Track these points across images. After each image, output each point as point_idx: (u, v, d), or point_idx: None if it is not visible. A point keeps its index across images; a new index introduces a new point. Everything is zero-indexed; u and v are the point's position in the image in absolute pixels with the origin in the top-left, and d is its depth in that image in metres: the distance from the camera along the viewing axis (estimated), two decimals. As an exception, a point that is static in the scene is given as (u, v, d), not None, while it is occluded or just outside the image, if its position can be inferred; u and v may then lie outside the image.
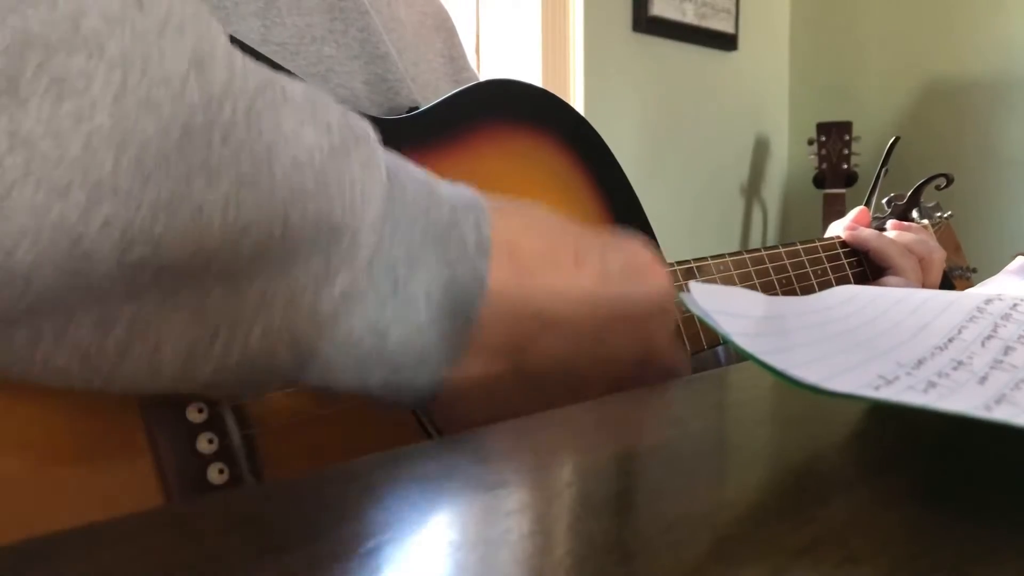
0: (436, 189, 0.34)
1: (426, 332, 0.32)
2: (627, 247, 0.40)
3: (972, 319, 0.31)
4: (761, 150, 2.60)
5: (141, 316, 0.27)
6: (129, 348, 0.28)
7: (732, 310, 0.27)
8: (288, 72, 0.47)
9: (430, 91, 0.63)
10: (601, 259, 0.38)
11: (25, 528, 0.30)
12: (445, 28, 0.70)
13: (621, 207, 0.64)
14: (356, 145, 0.31)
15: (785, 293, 0.72)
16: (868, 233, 0.82)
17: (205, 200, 0.26)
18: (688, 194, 2.34)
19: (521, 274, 0.34)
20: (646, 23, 2.16)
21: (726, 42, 2.40)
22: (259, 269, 0.28)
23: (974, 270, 0.98)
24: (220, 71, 0.27)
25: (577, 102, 2.04)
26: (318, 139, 0.29)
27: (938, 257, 0.81)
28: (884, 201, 0.95)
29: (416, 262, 0.32)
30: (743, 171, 2.55)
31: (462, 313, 0.33)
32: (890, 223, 0.86)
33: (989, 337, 0.29)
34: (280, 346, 0.29)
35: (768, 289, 0.70)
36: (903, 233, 0.83)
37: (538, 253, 0.35)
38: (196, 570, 0.17)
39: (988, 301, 0.34)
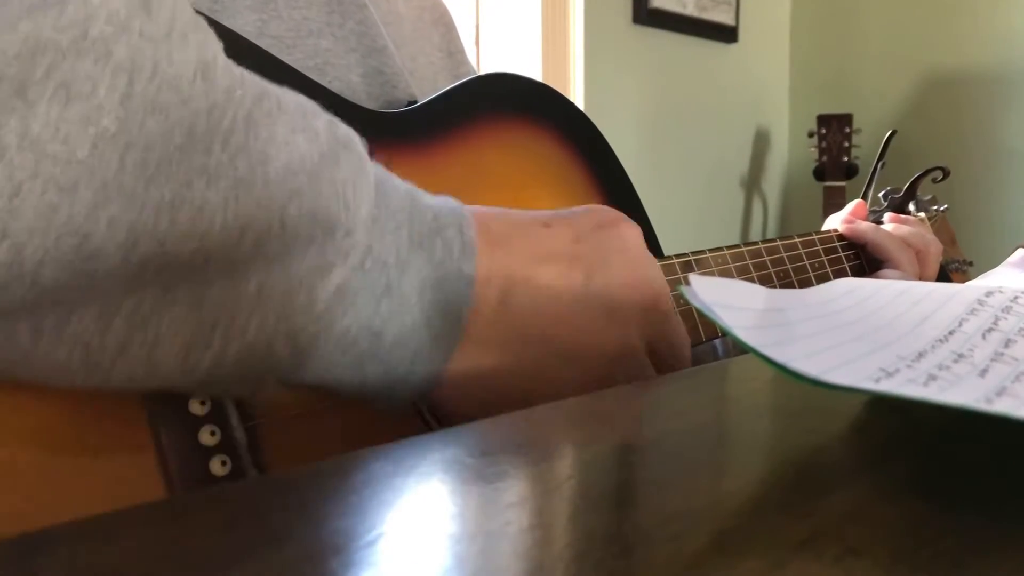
0: (418, 198, 0.35)
1: (420, 331, 0.33)
2: (593, 209, 0.41)
3: (973, 312, 0.31)
4: (761, 142, 2.60)
5: (141, 309, 0.28)
6: (129, 341, 0.28)
7: (732, 303, 0.27)
8: (286, 65, 0.47)
9: (428, 85, 0.63)
10: (569, 221, 0.39)
11: (28, 520, 0.30)
12: (443, 22, 0.70)
13: (619, 201, 0.64)
14: (345, 151, 0.31)
15: (783, 286, 0.72)
16: (865, 226, 0.82)
17: (206, 200, 0.27)
18: (688, 186, 2.33)
19: (497, 246, 0.35)
20: (646, 15, 2.16)
21: (726, 34, 2.39)
22: (257, 264, 0.29)
23: (970, 263, 0.98)
24: (224, 78, 0.28)
25: (577, 94, 2.03)
26: (308, 146, 0.30)
27: (935, 250, 0.81)
28: (881, 194, 0.95)
29: (406, 264, 0.32)
30: (743, 163, 2.55)
31: (453, 312, 0.34)
32: (887, 216, 0.86)
33: (990, 330, 0.29)
34: (277, 340, 0.30)
35: (766, 282, 0.70)
36: (900, 226, 0.83)
37: (508, 227, 0.37)
38: (195, 563, 0.17)
39: (989, 294, 0.33)
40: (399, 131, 0.52)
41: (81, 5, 0.25)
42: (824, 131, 2.34)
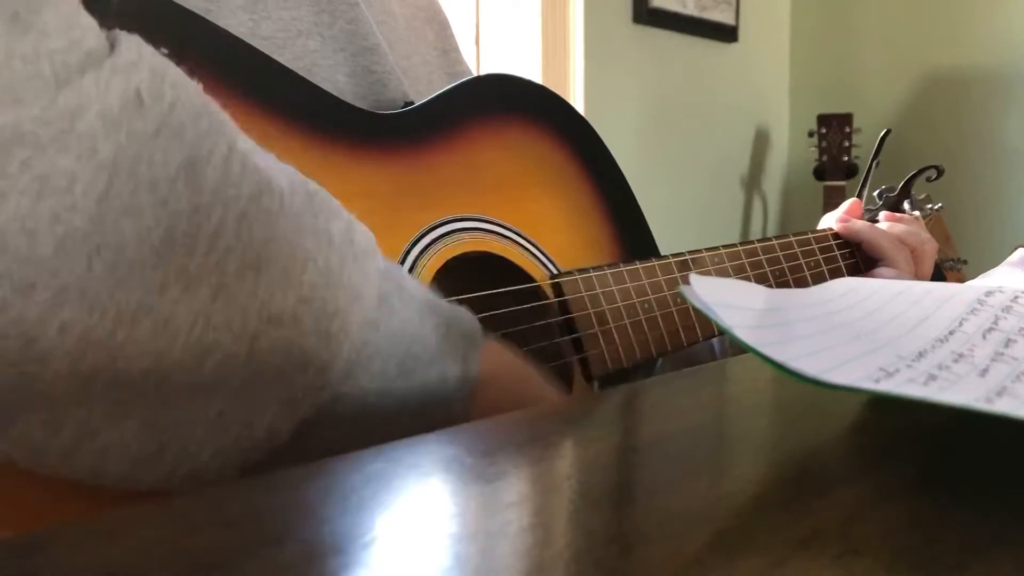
0: (426, 317, 0.33)
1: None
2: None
3: (973, 311, 0.31)
4: (761, 142, 2.59)
5: (91, 423, 0.26)
6: (76, 450, 0.27)
7: (732, 302, 0.27)
8: (281, 66, 0.47)
9: (423, 84, 0.62)
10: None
11: (33, 516, 0.30)
12: (438, 21, 0.70)
13: (616, 201, 0.64)
14: (353, 263, 0.30)
15: (779, 285, 0.72)
16: (860, 225, 0.82)
17: (174, 312, 0.25)
18: (688, 186, 2.33)
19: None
20: (646, 14, 2.16)
21: (727, 34, 2.39)
22: (218, 389, 0.27)
23: (965, 261, 0.98)
24: (212, 176, 0.26)
25: (577, 94, 2.03)
26: (317, 250, 0.29)
27: (930, 248, 0.81)
28: (876, 193, 0.95)
29: (386, 395, 0.31)
30: (743, 163, 2.55)
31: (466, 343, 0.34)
32: (882, 215, 0.86)
33: (990, 329, 0.29)
34: (229, 468, 0.29)
35: (762, 281, 0.70)
36: (895, 224, 0.83)
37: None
38: (195, 563, 0.17)
39: (989, 293, 0.33)
40: (397, 132, 0.52)
41: (75, 97, 0.24)
42: (824, 131, 2.34)
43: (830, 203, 2.26)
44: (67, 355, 0.24)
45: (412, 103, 0.55)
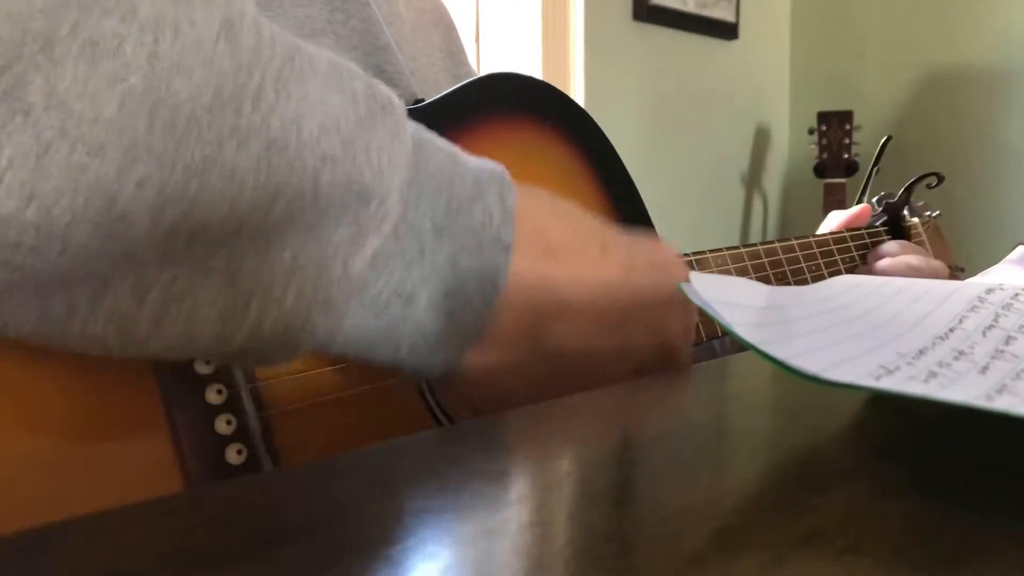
0: (460, 160, 0.34)
1: (453, 297, 0.33)
2: (651, 243, 0.41)
3: (973, 309, 0.31)
4: (762, 139, 2.59)
5: (177, 283, 0.28)
6: (165, 315, 0.28)
7: (733, 300, 0.27)
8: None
9: (429, 85, 0.63)
10: (628, 251, 0.38)
11: (43, 507, 0.30)
12: (443, 23, 0.71)
13: (621, 199, 0.64)
14: (382, 113, 0.31)
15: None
16: (896, 267, 0.80)
17: (237, 163, 0.27)
18: (688, 183, 2.33)
19: (546, 258, 0.35)
20: (647, 12, 2.15)
21: (727, 31, 2.39)
22: (290, 233, 0.28)
23: (961, 269, 0.98)
24: (248, 38, 0.27)
25: (577, 91, 2.03)
26: (344, 108, 0.30)
27: (943, 277, 0.80)
28: (875, 200, 0.95)
29: (442, 231, 0.32)
30: (744, 160, 2.55)
31: (488, 278, 0.33)
32: (883, 262, 0.84)
33: (990, 327, 0.29)
34: (313, 308, 0.30)
35: (764, 283, 0.70)
36: (907, 256, 0.81)
37: (566, 239, 0.36)
38: (197, 559, 0.17)
39: (989, 291, 0.33)
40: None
41: None
42: (824, 128, 2.34)
43: (830, 200, 2.26)
44: (148, 210, 0.25)
45: (422, 101, 0.55)
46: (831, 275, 0.78)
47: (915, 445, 0.25)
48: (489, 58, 1.98)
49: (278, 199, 0.28)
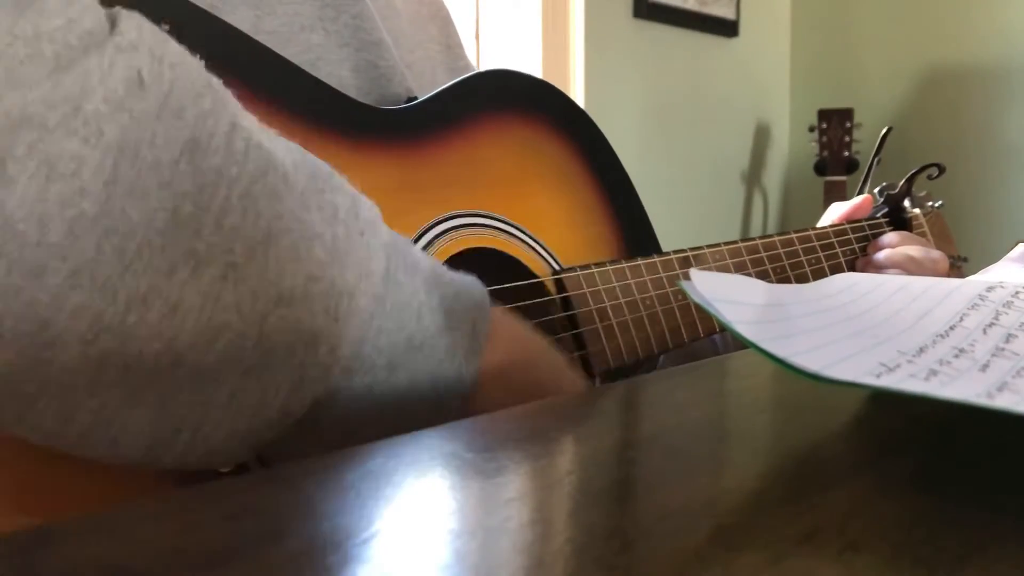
0: (439, 284, 0.33)
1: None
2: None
3: (974, 307, 0.31)
4: (762, 137, 2.59)
5: (104, 412, 0.26)
6: (91, 435, 0.27)
7: (732, 298, 0.27)
8: (285, 61, 0.46)
9: (426, 79, 0.62)
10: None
11: (33, 510, 0.30)
12: (440, 17, 0.70)
13: (617, 196, 0.64)
14: (360, 239, 0.30)
15: (780, 281, 0.72)
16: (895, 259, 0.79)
17: (184, 295, 0.25)
18: (689, 181, 2.33)
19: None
20: (647, 9, 2.15)
21: (727, 28, 2.39)
22: (229, 371, 0.27)
23: (965, 259, 0.98)
24: (214, 157, 0.26)
25: (578, 89, 2.03)
26: (323, 227, 0.29)
27: (942, 268, 0.79)
28: (876, 191, 0.95)
29: (397, 368, 0.31)
30: (744, 158, 2.55)
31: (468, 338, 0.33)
32: (883, 254, 0.84)
33: (991, 325, 0.29)
34: (243, 449, 0.29)
35: (763, 277, 0.70)
36: (908, 247, 0.80)
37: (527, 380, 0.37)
38: (194, 558, 0.17)
39: (990, 289, 0.33)
40: (400, 127, 0.52)
41: (79, 79, 0.24)
42: (825, 125, 2.33)
43: (830, 198, 2.26)
44: (80, 339, 0.24)
45: (416, 98, 0.55)
46: (831, 268, 0.78)
47: (915, 443, 0.25)
48: (489, 55, 1.98)
49: (219, 337, 0.26)
